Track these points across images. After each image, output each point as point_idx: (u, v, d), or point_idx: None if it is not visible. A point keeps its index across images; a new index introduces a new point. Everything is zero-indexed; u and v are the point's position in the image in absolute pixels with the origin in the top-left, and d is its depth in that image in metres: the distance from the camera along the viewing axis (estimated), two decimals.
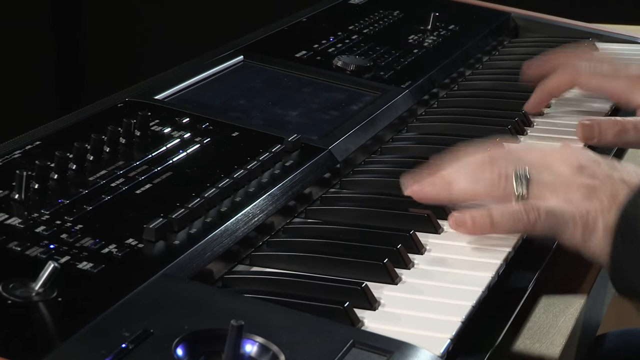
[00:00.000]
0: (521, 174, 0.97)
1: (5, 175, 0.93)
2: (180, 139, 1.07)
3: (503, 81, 1.44)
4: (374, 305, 0.85)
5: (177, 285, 0.82)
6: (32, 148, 1.00)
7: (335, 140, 1.12)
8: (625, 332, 1.35)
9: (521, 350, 0.90)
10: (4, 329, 0.73)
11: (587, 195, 0.94)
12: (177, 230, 0.89)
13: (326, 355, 0.73)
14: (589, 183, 0.95)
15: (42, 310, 0.75)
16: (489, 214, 0.95)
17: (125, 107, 1.13)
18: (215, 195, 0.94)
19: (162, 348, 0.71)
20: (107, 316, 0.75)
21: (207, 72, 1.27)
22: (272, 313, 0.78)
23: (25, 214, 0.88)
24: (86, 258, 0.82)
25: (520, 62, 1.51)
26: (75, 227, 0.87)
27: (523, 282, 0.96)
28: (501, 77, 1.46)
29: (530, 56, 1.52)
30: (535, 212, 0.94)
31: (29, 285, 0.77)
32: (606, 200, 0.93)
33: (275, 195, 0.99)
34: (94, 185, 0.95)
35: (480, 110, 1.31)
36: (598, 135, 1.22)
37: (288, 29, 1.48)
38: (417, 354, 0.76)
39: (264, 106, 1.21)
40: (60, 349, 0.70)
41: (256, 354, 0.74)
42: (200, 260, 0.87)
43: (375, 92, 1.28)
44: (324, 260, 0.91)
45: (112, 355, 0.70)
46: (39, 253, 0.82)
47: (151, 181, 0.97)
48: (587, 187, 0.95)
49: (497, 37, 1.62)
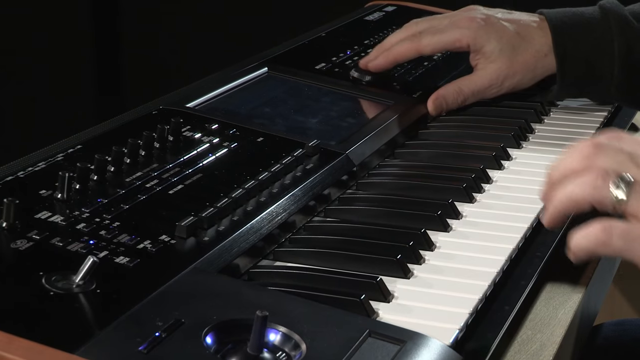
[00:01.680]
0: (623, 175, 0.80)
1: (49, 177, 0.93)
2: (210, 143, 1.06)
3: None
4: (388, 297, 0.85)
5: (206, 279, 0.81)
6: (74, 151, 1.00)
7: (352, 145, 1.11)
8: (620, 322, 1.34)
9: (524, 340, 0.89)
10: (47, 318, 0.73)
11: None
12: (207, 227, 0.88)
13: (344, 344, 0.73)
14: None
15: (82, 301, 0.75)
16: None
17: (159, 115, 1.13)
18: (242, 195, 0.94)
19: (192, 336, 0.71)
20: (141, 307, 0.74)
21: (234, 82, 1.26)
22: (294, 304, 0.78)
23: (67, 212, 0.88)
24: (123, 253, 0.82)
25: None
26: (113, 225, 0.87)
27: (525, 277, 0.95)
28: None
29: None
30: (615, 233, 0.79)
31: (70, 277, 0.76)
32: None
33: (296, 195, 0.99)
34: (131, 186, 0.95)
35: (485, 117, 1.31)
36: (447, 107, 1.29)
37: (309, 43, 1.48)
38: (428, 343, 0.75)
39: (287, 114, 1.20)
40: (98, 337, 0.70)
41: (279, 343, 0.73)
42: (227, 255, 0.86)
43: (389, 101, 1.27)
44: (341, 256, 0.91)
45: (146, 343, 0.69)
46: (79, 248, 0.82)
47: (183, 182, 0.97)
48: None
49: None
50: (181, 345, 0.70)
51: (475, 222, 1.00)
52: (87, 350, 0.68)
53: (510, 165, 1.17)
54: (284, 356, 0.72)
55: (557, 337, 0.90)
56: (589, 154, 0.83)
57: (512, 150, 1.20)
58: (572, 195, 0.82)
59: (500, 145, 1.19)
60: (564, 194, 0.83)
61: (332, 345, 0.73)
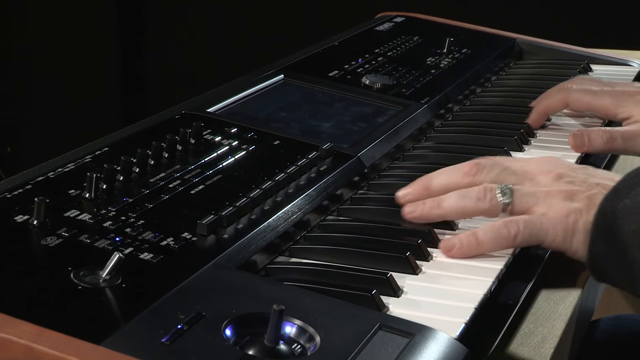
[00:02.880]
0: (504, 185, 0.94)
1: (77, 177, 0.93)
2: (229, 146, 1.06)
3: (509, 97, 1.42)
4: (397, 292, 0.84)
5: (226, 274, 0.81)
6: (101, 153, 1.00)
7: (364, 148, 1.11)
8: (617, 317, 1.34)
9: (526, 333, 0.88)
10: (75, 311, 0.72)
11: (566, 199, 0.92)
12: (226, 225, 0.88)
13: (356, 336, 0.72)
14: (568, 189, 0.93)
15: (108, 295, 0.74)
16: (473, 233, 0.91)
17: (181, 119, 1.12)
18: (260, 195, 0.93)
19: (212, 329, 0.71)
20: (164, 300, 0.74)
21: (252, 88, 1.26)
22: (308, 299, 0.78)
23: (95, 211, 0.87)
24: (147, 249, 0.82)
25: (524, 81, 1.50)
26: (137, 223, 0.86)
27: (528, 273, 0.95)
28: (508, 94, 1.45)
29: (532, 76, 1.52)
30: (515, 225, 0.91)
31: (97, 273, 0.76)
32: (584, 202, 0.91)
33: (311, 195, 0.98)
34: (154, 186, 0.94)
35: (489, 122, 1.30)
36: (588, 144, 1.20)
37: (322, 52, 1.48)
38: (436, 336, 0.75)
39: (302, 118, 1.20)
40: (123, 329, 0.70)
41: (295, 335, 0.73)
42: (246, 252, 0.86)
43: (398, 107, 1.27)
44: (353, 253, 0.90)
45: (169, 335, 0.69)
46: (106, 245, 0.82)
47: (204, 183, 0.97)
48: (566, 193, 0.92)
49: (504, 60, 1.60)
50: (202, 337, 0.70)
51: (480, 220, 0.99)
52: (113, 342, 0.68)
53: None
54: (299, 348, 0.72)
55: (558, 331, 0.89)
56: (470, 172, 0.97)
57: (515, 154, 1.19)
58: (462, 207, 0.94)
59: (503, 148, 1.18)
60: (454, 205, 0.94)
61: (344, 338, 0.72)
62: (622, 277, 0.88)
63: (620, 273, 0.88)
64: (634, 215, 0.85)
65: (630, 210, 0.86)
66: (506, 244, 0.92)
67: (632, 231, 0.85)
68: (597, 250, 0.88)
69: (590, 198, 0.91)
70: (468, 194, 0.95)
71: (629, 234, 0.85)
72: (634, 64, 1.60)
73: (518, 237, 0.91)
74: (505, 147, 1.19)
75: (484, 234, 0.91)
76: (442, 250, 0.92)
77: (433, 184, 0.98)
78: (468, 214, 0.96)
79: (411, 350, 0.72)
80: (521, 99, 1.39)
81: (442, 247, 0.92)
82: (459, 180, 0.97)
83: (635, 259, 0.85)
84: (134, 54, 3.03)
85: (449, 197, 0.95)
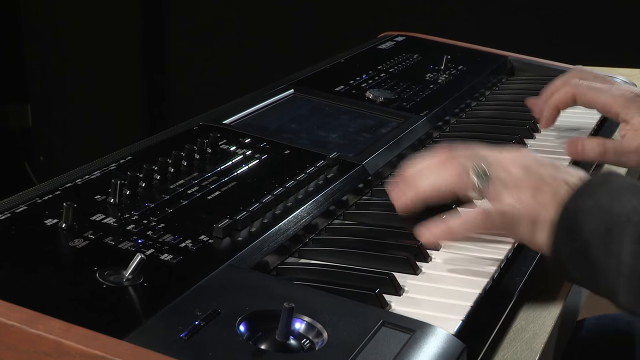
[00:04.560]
0: (480, 169, 0.90)
1: (103, 184, 0.93)
2: (243, 155, 1.05)
3: (502, 110, 1.42)
4: (399, 291, 0.83)
5: (240, 274, 0.80)
6: (124, 162, 1.00)
7: (368, 157, 1.10)
8: (601, 317, 1.33)
9: (518, 329, 0.88)
10: (100, 308, 0.72)
11: (534, 195, 0.88)
12: (241, 229, 0.87)
13: (361, 332, 0.72)
14: (536, 184, 0.89)
15: (131, 293, 0.74)
16: (448, 220, 0.90)
17: (199, 130, 1.12)
18: (271, 200, 0.93)
19: (227, 325, 0.70)
20: (183, 298, 0.73)
21: (264, 102, 1.26)
22: (317, 297, 0.77)
23: (119, 215, 0.87)
24: (167, 251, 0.81)
25: (515, 95, 1.50)
26: (158, 226, 0.86)
27: (520, 274, 0.94)
28: (500, 107, 1.44)
29: (523, 91, 1.51)
30: (490, 220, 0.89)
31: (120, 272, 0.76)
32: (550, 199, 0.87)
33: (319, 201, 0.97)
34: (174, 192, 0.94)
35: (484, 134, 1.29)
36: (582, 153, 1.18)
37: (329, 68, 1.47)
38: (435, 332, 0.74)
39: (310, 129, 1.19)
40: (145, 325, 0.69)
41: (304, 331, 0.72)
42: (258, 253, 0.85)
43: (399, 119, 1.26)
44: (358, 255, 0.90)
45: (187, 331, 0.69)
46: (129, 246, 0.81)
47: (220, 189, 0.96)
48: (534, 188, 0.88)
49: (497, 76, 1.59)
50: (218, 333, 0.69)
51: None
52: (135, 337, 0.67)
53: None
54: (308, 343, 0.71)
55: (548, 327, 0.88)
56: (445, 156, 0.93)
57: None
58: (437, 184, 0.91)
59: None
60: (429, 182, 0.92)
61: (350, 334, 0.71)
62: (583, 275, 0.84)
63: (581, 271, 0.84)
64: (595, 216, 0.82)
65: (592, 211, 0.83)
66: (481, 232, 0.91)
67: (592, 230, 0.82)
68: (560, 247, 0.85)
69: (555, 194, 0.87)
70: (443, 171, 0.92)
71: (589, 233, 0.82)
72: (617, 79, 1.59)
73: (492, 228, 0.90)
74: None
75: (460, 226, 0.90)
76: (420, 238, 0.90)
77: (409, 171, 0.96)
78: (443, 190, 0.92)
79: (412, 345, 0.72)
80: (513, 112, 1.38)
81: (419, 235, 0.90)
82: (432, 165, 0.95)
83: (596, 258, 0.81)
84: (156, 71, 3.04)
85: (424, 176, 0.93)
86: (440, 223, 0.90)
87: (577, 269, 0.84)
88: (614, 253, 0.80)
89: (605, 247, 0.80)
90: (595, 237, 0.81)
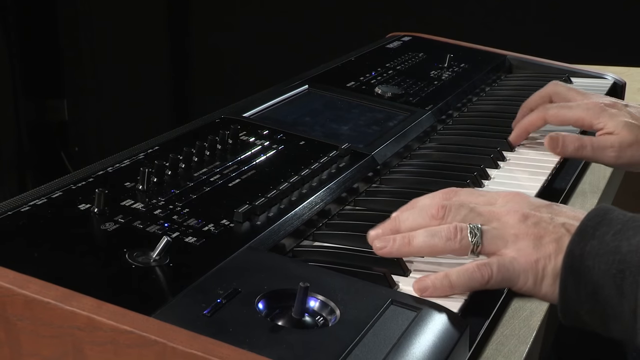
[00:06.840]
0: (474, 226, 0.81)
1: (132, 172, 0.92)
2: (262, 146, 1.05)
3: (501, 105, 1.40)
4: (406, 272, 0.83)
5: (258, 256, 0.79)
6: (152, 151, 0.99)
7: (377, 148, 1.09)
8: None
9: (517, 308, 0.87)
10: (129, 287, 0.71)
11: (534, 244, 0.80)
12: (259, 214, 0.87)
13: (371, 310, 0.71)
14: (535, 232, 0.80)
15: (158, 273, 0.73)
16: (446, 275, 0.79)
17: (221, 122, 1.11)
18: (287, 188, 0.92)
19: (247, 303, 0.70)
20: (206, 278, 0.73)
21: (281, 96, 1.25)
22: (330, 277, 0.76)
23: (147, 201, 0.86)
24: (191, 234, 0.81)
25: (514, 91, 1.48)
26: (183, 211, 0.85)
27: None
28: (499, 102, 1.43)
29: (521, 87, 1.50)
30: (489, 269, 0.79)
31: (148, 254, 0.75)
32: (552, 247, 0.79)
33: (332, 188, 0.97)
34: (198, 180, 0.93)
35: (484, 126, 1.28)
36: (561, 147, 1.13)
37: (341, 66, 1.46)
38: (440, 311, 0.73)
39: (324, 122, 1.18)
40: (171, 302, 0.69)
41: (318, 309, 0.72)
42: (276, 236, 0.84)
43: (406, 113, 1.25)
44: None
45: (209, 308, 0.68)
46: (156, 230, 0.81)
47: (240, 177, 0.95)
48: (533, 236, 0.80)
49: (496, 73, 1.58)
50: (238, 310, 0.68)
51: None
52: (162, 314, 0.67)
53: (504, 165, 1.14)
54: (322, 320, 0.71)
55: (544, 306, 0.87)
56: (438, 215, 0.84)
57: (507, 153, 1.17)
58: (432, 246, 0.82)
59: (497, 148, 1.17)
60: (424, 243, 0.82)
61: (361, 311, 0.71)
62: (595, 319, 0.77)
63: (593, 315, 0.76)
64: (603, 256, 0.75)
65: (599, 252, 0.75)
66: (478, 287, 0.80)
67: (603, 271, 0.75)
68: (568, 294, 0.77)
69: (557, 241, 0.79)
70: (438, 233, 0.82)
71: (600, 275, 0.75)
72: (608, 77, 1.57)
73: (491, 281, 0.80)
74: (498, 147, 1.17)
75: (457, 277, 0.79)
76: (417, 291, 0.79)
77: (402, 227, 0.85)
78: (438, 253, 0.83)
79: (418, 322, 0.71)
80: (510, 106, 1.37)
81: (416, 288, 0.79)
82: (427, 223, 0.84)
83: (608, 299, 0.74)
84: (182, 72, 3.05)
85: (419, 234, 0.82)
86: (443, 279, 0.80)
87: (589, 313, 0.77)
88: (627, 294, 0.73)
89: (618, 288, 0.74)
90: (606, 279, 0.75)
